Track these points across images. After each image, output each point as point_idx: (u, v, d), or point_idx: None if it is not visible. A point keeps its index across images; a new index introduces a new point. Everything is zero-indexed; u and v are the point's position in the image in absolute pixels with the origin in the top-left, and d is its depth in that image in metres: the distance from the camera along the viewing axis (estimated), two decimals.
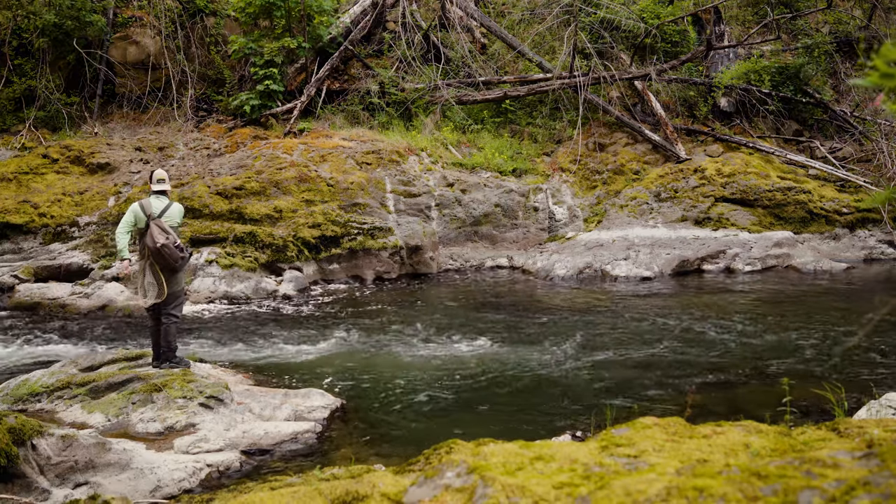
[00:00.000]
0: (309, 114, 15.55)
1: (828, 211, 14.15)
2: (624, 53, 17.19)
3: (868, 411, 4.60)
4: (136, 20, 15.83)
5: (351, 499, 2.34)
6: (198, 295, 10.63)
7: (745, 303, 10.28)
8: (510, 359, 7.60)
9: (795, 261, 12.74)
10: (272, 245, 11.71)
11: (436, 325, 9.17)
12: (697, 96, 16.69)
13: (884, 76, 1.27)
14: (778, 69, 16.24)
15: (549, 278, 12.28)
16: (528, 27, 17.87)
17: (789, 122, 16.82)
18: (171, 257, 6.24)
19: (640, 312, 9.74)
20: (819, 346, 7.87)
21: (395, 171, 13.51)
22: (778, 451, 2.27)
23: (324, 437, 5.58)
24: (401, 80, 16.09)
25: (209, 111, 15.81)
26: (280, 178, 12.63)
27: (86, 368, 6.45)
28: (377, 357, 7.80)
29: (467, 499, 2.00)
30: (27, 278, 10.90)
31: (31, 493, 4.19)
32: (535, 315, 9.75)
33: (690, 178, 14.57)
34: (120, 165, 13.44)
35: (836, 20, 18.02)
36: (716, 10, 17.57)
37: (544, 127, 16.24)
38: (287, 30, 15.36)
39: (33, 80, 14.88)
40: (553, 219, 14.40)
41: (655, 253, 12.77)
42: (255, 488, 4.11)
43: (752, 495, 1.63)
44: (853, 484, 1.59)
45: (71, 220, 12.14)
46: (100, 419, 5.57)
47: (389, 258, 12.53)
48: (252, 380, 6.86)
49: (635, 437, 2.44)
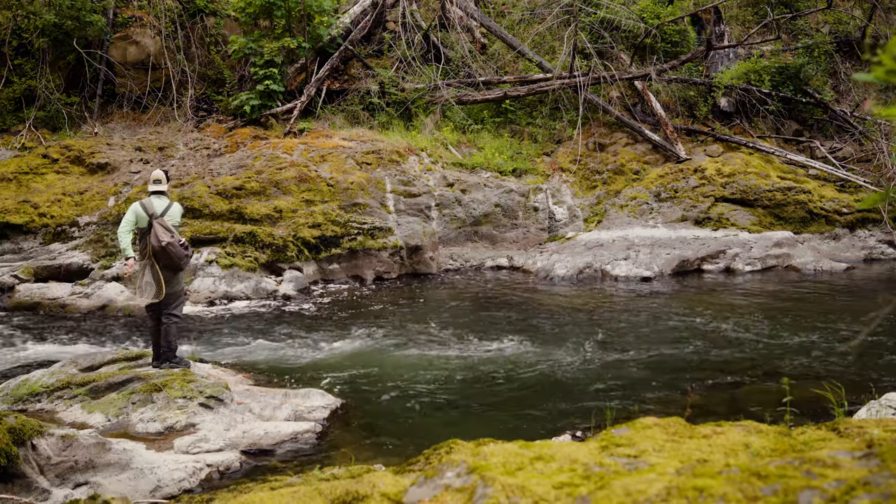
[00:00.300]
0: (309, 114, 15.55)
1: (828, 211, 14.15)
2: (624, 53, 17.19)
3: (868, 411, 4.60)
4: (136, 20, 15.83)
5: (351, 499, 2.34)
6: (198, 295, 10.63)
7: (744, 303, 10.27)
8: (510, 359, 7.60)
9: (795, 261, 12.75)
10: (272, 245, 11.71)
11: (436, 326, 9.17)
12: (697, 96, 16.69)
13: (889, 72, 1.27)
14: (778, 69, 16.24)
15: (549, 278, 12.28)
16: (528, 27, 17.87)
17: (789, 122, 16.82)
18: (176, 255, 6.26)
19: (640, 312, 9.74)
20: (819, 346, 7.87)
21: (395, 171, 13.51)
22: (778, 451, 2.27)
23: (324, 437, 5.58)
24: (401, 80, 16.09)
25: (209, 111, 15.81)
26: (280, 178, 12.63)
27: (86, 368, 6.45)
28: (377, 357, 7.80)
29: (467, 499, 2.00)
30: (27, 278, 10.90)
31: (31, 493, 4.19)
32: (535, 315, 9.75)
33: (690, 178, 14.57)
34: (120, 165, 13.44)
35: (836, 20, 18.02)
36: (716, 10, 17.58)
37: (544, 127, 16.24)
38: (287, 30, 15.36)
39: (33, 80, 14.87)
40: (553, 219, 14.40)
41: (655, 253, 12.77)
42: (255, 488, 4.11)
43: (752, 495, 1.63)
44: (853, 484, 1.59)
45: (71, 220, 12.14)
46: (100, 419, 5.57)
47: (389, 258, 12.54)
48: (252, 380, 6.86)
49: (635, 437, 2.44)
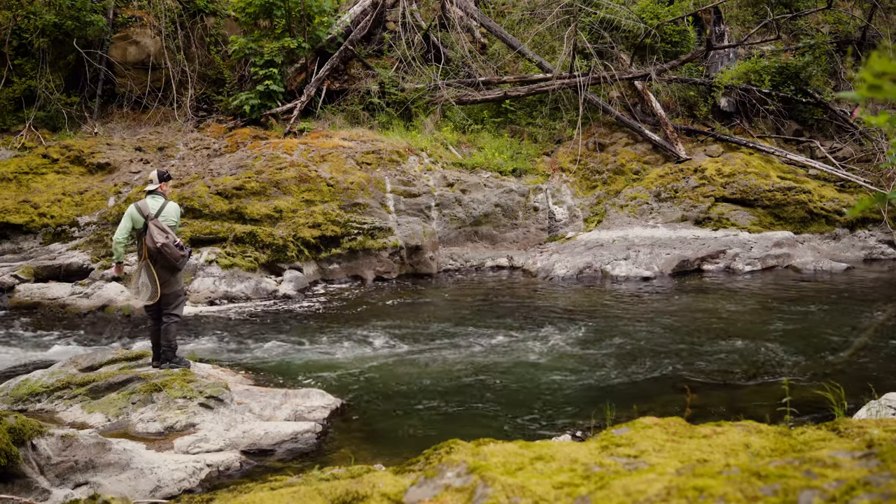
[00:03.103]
0: (309, 114, 15.55)
1: (828, 211, 14.14)
2: (624, 53, 17.19)
3: (868, 411, 4.60)
4: (136, 20, 15.83)
5: (351, 499, 2.34)
6: (198, 295, 10.63)
7: (745, 303, 10.27)
8: (510, 359, 7.60)
9: (795, 261, 12.75)
10: (272, 245, 11.71)
11: (436, 326, 9.17)
12: (697, 96, 16.69)
13: (871, 88, 1.28)
14: (778, 69, 16.24)
15: (549, 278, 12.28)
16: (528, 27, 17.86)
17: (789, 122, 16.82)
18: (172, 256, 6.25)
19: (640, 312, 9.74)
20: (819, 346, 7.87)
21: (395, 171, 13.51)
22: (778, 451, 2.27)
23: (324, 437, 5.58)
24: (401, 80, 16.09)
25: (209, 111, 15.81)
26: (280, 178, 12.63)
27: (86, 368, 6.45)
28: (377, 357, 7.80)
29: (467, 499, 2.00)
30: (27, 278, 10.90)
31: (31, 493, 4.19)
32: (535, 315, 9.75)
33: (690, 178, 14.57)
34: (120, 165, 13.45)
35: (836, 20, 18.02)
36: (716, 10, 17.57)
37: (544, 127, 16.23)
38: (287, 30, 15.36)
39: (33, 80, 14.87)
40: (553, 219, 14.40)
41: (655, 253, 12.77)
42: (255, 488, 4.11)
43: (752, 495, 1.63)
44: (853, 484, 1.59)
45: (71, 220, 12.14)
46: (100, 419, 5.57)
47: (389, 258, 12.54)
48: (252, 380, 6.86)
49: (635, 437, 2.44)
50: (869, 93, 1.28)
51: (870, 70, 1.27)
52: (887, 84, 1.26)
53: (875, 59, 1.27)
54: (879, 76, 1.27)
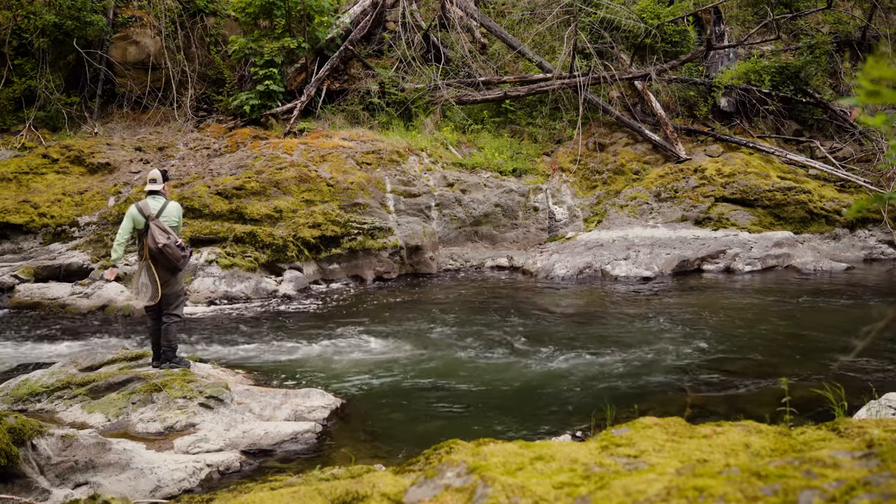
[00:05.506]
0: (309, 114, 15.55)
1: (828, 211, 14.14)
2: (624, 53, 17.19)
3: (868, 411, 4.60)
4: (136, 20, 15.83)
5: (351, 499, 2.34)
6: (198, 295, 10.63)
7: (745, 303, 10.27)
8: (510, 359, 7.60)
9: (795, 261, 12.74)
10: (272, 245, 11.71)
11: (436, 326, 9.17)
12: (697, 96, 16.69)
13: (869, 94, 1.28)
14: (778, 69, 16.24)
15: (549, 278, 12.28)
16: (528, 27, 17.86)
17: (789, 122, 16.82)
18: (174, 257, 6.25)
19: (640, 312, 9.74)
20: (819, 346, 7.87)
21: (395, 171, 13.51)
22: (778, 451, 2.27)
23: (324, 437, 5.58)
24: (401, 80, 16.09)
25: (209, 111, 15.81)
26: (280, 178, 12.63)
27: (86, 368, 6.45)
28: (377, 357, 7.80)
29: (467, 499, 2.00)
30: (27, 278, 10.90)
31: (31, 493, 4.19)
32: (535, 315, 9.75)
33: (690, 178, 14.57)
34: (120, 165, 13.45)
35: (835, 20, 18.02)
36: (716, 10, 17.57)
37: (544, 127, 16.23)
38: (287, 30, 15.36)
39: (33, 80, 14.87)
40: (553, 219, 14.40)
41: (655, 253, 12.77)
42: (256, 488, 4.11)
43: (752, 495, 1.63)
44: (853, 484, 1.59)
45: (71, 220, 12.14)
46: (100, 419, 5.57)
47: (389, 258, 12.54)
48: (252, 380, 6.86)
49: (635, 437, 2.44)
50: (868, 98, 1.28)
51: (867, 76, 1.27)
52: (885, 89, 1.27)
53: (872, 64, 1.27)
54: (877, 81, 1.27)
